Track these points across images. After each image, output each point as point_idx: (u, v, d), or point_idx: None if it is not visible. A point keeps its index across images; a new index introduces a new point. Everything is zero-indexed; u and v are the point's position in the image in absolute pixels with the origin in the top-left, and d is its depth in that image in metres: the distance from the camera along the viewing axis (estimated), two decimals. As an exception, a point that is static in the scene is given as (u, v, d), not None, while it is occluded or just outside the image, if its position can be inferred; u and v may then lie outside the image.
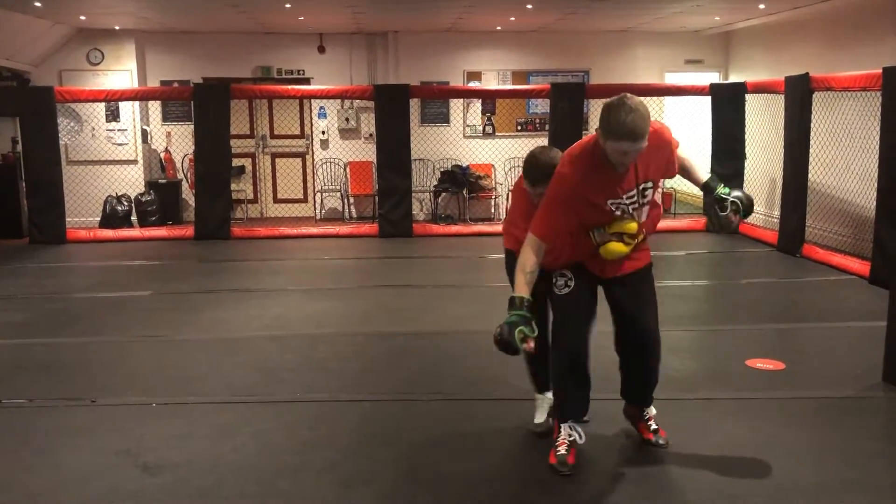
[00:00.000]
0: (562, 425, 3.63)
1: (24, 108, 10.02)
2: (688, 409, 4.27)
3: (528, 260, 3.31)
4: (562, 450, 3.55)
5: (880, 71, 7.05)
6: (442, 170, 11.71)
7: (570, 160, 3.36)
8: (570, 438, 3.59)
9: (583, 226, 3.42)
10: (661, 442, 3.74)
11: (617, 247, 3.43)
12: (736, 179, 10.18)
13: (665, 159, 3.44)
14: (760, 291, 7.38)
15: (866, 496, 3.31)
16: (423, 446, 3.84)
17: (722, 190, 3.55)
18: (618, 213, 3.39)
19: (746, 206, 3.51)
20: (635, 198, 3.39)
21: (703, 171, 3.64)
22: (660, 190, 3.51)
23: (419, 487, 3.43)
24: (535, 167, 3.57)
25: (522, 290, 3.27)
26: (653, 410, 3.83)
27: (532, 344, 3.17)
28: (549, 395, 3.91)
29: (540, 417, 3.97)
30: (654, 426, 3.79)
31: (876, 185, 7.21)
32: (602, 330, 3.70)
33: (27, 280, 7.98)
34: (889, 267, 6.42)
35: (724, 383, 4.68)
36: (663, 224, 11.40)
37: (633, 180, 3.35)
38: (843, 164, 8.36)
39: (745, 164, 10.28)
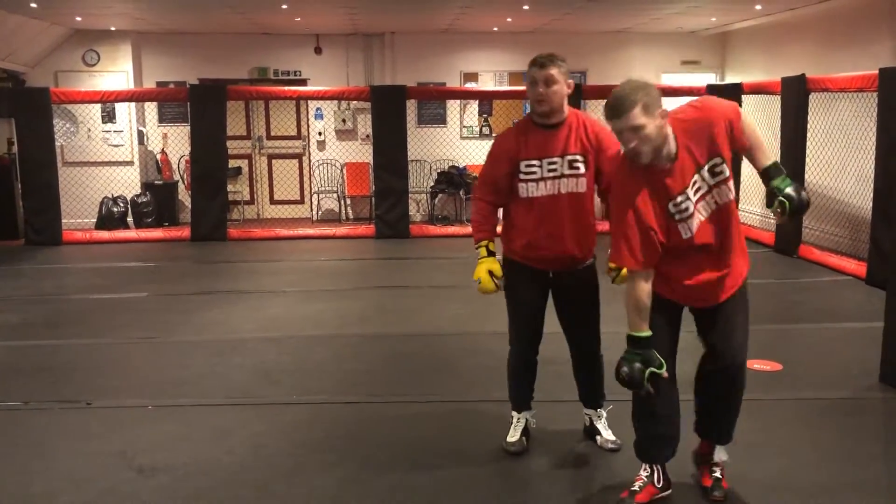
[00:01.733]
0: (644, 464, 3.30)
1: (19, 109, 9.99)
2: (684, 410, 4.25)
3: (641, 294, 2.99)
4: (637, 485, 3.27)
5: (876, 72, 7.06)
6: (439, 171, 11.71)
7: (620, 162, 3.07)
8: (647, 474, 3.28)
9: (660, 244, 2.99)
10: (716, 494, 3.26)
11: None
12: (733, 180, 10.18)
13: (708, 134, 2.96)
14: (757, 292, 7.31)
15: (863, 497, 3.31)
16: (420, 448, 3.83)
17: (778, 183, 3.07)
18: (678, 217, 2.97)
19: (794, 207, 3.03)
20: (697, 190, 2.99)
21: (768, 153, 3.15)
22: (727, 184, 3.07)
23: (415, 489, 3.41)
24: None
25: (641, 327, 3.01)
26: (724, 456, 3.36)
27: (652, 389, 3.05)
28: (528, 414, 3.81)
29: (514, 436, 3.78)
30: (717, 474, 3.33)
31: (872, 185, 7.22)
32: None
33: (23, 281, 7.96)
34: (886, 268, 6.43)
35: (721, 384, 4.67)
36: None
37: (682, 173, 2.95)
38: (839, 165, 8.36)
39: (742, 165, 10.27)
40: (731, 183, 3.07)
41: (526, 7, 9.22)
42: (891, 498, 3.33)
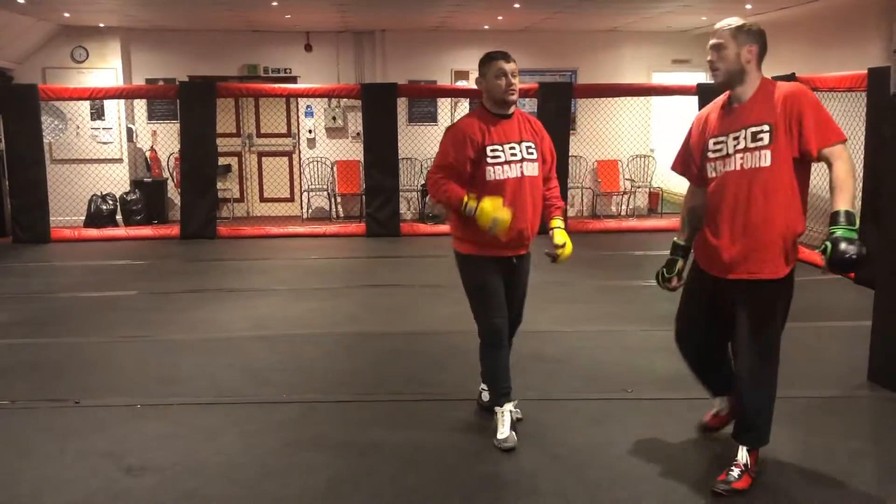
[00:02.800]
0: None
1: (7, 106, 9.93)
2: (675, 408, 4.27)
3: (685, 204, 3.53)
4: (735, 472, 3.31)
5: (865, 72, 7.10)
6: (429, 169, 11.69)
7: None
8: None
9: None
10: (719, 489, 3.27)
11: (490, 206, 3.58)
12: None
13: (784, 110, 3.10)
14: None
15: (851, 495, 3.32)
16: (410, 447, 3.82)
17: (835, 228, 2.96)
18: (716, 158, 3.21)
19: (830, 259, 2.90)
20: (738, 142, 3.14)
21: (844, 199, 3.01)
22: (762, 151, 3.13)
23: (407, 488, 3.41)
24: None
25: (679, 235, 3.52)
26: (743, 457, 3.33)
27: (674, 283, 3.52)
28: (511, 406, 3.84)
29: (505, 432, 3.79)
30: (733, 473, 3.31)
31: (861, 185, 7.26)
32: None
33: (10, 280, 7.91)
34: (873, 267, 6.46)
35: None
36: (652, 223, 11.39)
37: (739, 119, 3.18)
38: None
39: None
40: (771, 154, 3.12)
41: (517, 5, 9.22)
42: (879, 496, 3.35)
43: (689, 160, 3.42)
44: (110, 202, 10.97)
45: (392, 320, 6.21)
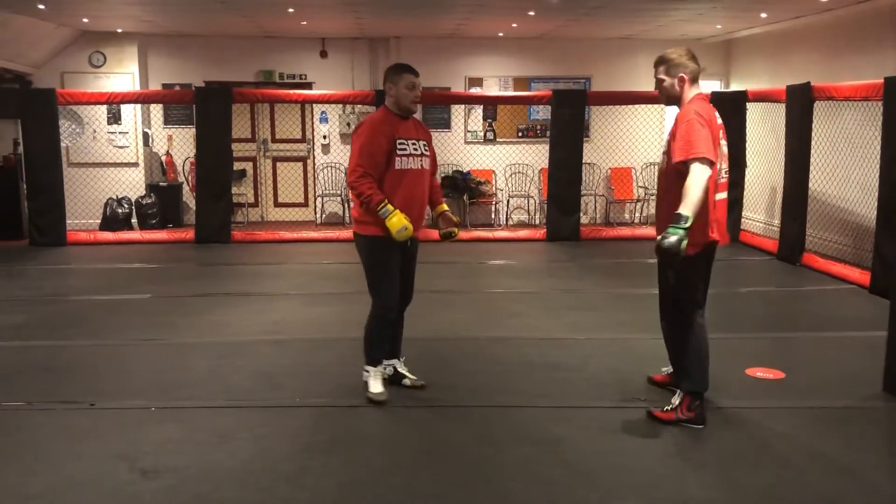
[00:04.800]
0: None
1: (25, 109, 10.02)
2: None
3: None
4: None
5: (882, 81, 7.06)
6: (443, 175, 11.72)
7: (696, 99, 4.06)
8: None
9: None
10: (648, 412, 4.19)
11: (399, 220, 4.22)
12: (736, 188, 10.20)
13: (674, 126, 4.00)
14: (760, 300, 7.38)
15: (865, 507, 3.31)
16: (423, 453, 3.83)
17: (670, 226, 3.76)
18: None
19: (656, 247, 3.77)
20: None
21: (688, 203, 3.76)
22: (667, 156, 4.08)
23: (418, 493, 3.42)
24: None
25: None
26: (677, 398, 4.14)
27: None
28: (382, 367, 4.55)
29: (379, 387, 4.47)
30: (665, 407, 4.17)
31: (877, 194, 7.22)
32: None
33: (27, 282, 7.98)
34: (889, 276, 6.42)
35: (722, 391, 4.66)
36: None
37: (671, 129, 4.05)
38: (843, 174, 8.36)
39: (746, 173, 10.28)
40: (666, 160, 4.04)
41: (531, 13, 9.23)
42: (893, 508, 3.33)
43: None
44: (126, 206, 11.05)
45: (404, 326, 6.20)
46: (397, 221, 4.23)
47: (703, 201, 3.79)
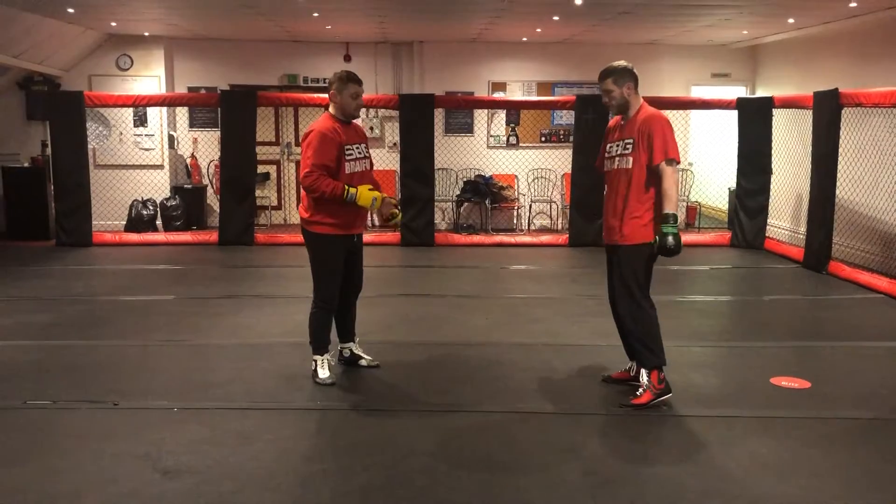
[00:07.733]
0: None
1: (54, 112, 10.16)
2: (710, 425, 4.22)
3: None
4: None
5: (911, 87, 6.97)
6: (465, 179, 11.72)
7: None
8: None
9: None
10: (622, 406, 4.43)
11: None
12: (762, 195, 10.11)
13: (641, 130, 4.35)
14: (785, 308, 7.29)
15: (893, 520, 3.25)
16: (444, 458, 3.82)
17: (664, 227, 4.29)
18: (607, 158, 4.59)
19: (658, 247, 4.34)
20: (618, 147, 4.50)
21: (672, 204, 4.29)
22: (629, 157, 4.46)
23: (440, 499, 3.41)
24: None
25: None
26: (644, 379, 4.45)
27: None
28: (329, 355, 4.91)
29: (326, 373, 4.86)
30: (636, 392, 4.48)
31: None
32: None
33: (53, 282, 8.07)
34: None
35: (747, 401, 4.62)
36: (690, 238, 11.29)
37: (622, 132, 4.51)
38: (871, 181, 8.26)
39: (772, 180, 10.19)
40: (632, 160, 4.38)
41: (556, 18, 9.21)
42: (922, 521, 3.27)
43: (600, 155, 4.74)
44: (151, 208, 11.15)
45: (425, 330, 6.22)
46: (366, 196, 4.65)
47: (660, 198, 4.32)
